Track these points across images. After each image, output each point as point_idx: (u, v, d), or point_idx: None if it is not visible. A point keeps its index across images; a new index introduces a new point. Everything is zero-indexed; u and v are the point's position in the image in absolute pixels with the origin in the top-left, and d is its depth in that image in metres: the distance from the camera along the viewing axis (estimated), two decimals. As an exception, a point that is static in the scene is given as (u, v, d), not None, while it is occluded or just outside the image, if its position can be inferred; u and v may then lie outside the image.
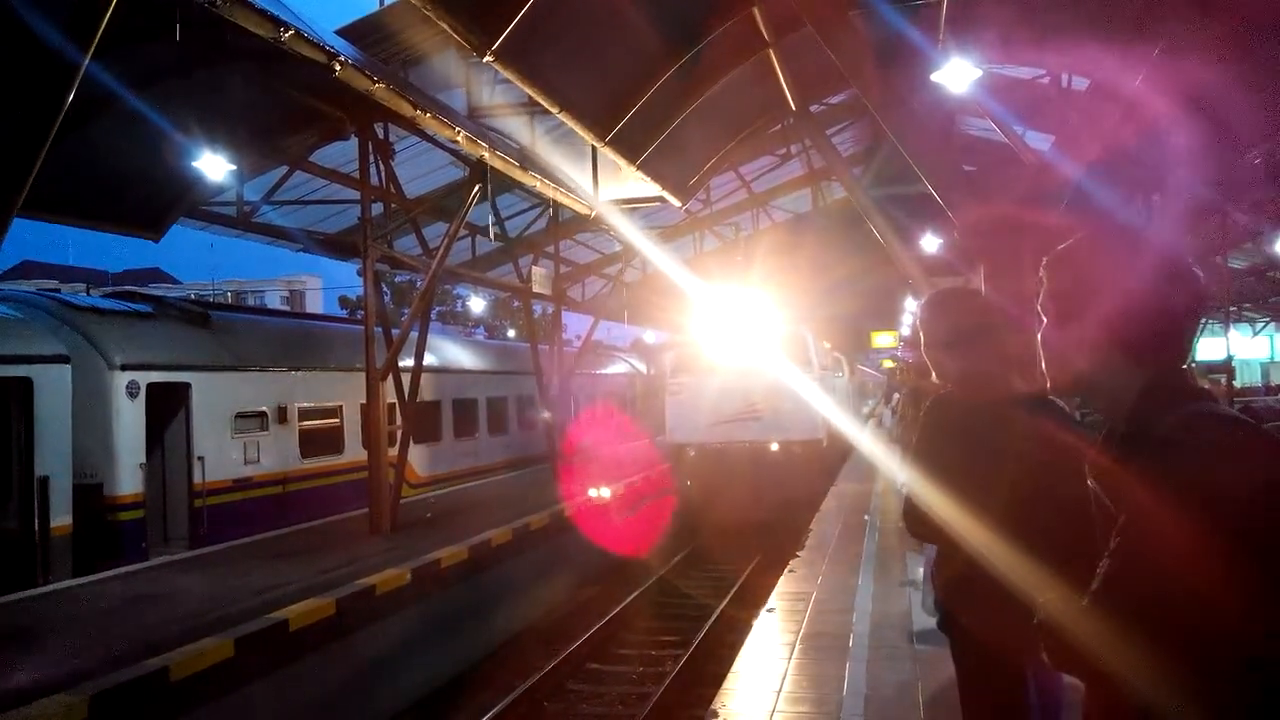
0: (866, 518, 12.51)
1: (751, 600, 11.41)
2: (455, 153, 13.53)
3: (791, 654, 6.63)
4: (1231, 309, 28.12)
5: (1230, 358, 26.75)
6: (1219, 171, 16.39)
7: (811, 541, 11.08)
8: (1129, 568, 1.43)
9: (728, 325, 16.83)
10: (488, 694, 9.57)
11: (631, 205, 15.72)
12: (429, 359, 14.16)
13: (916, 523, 3.25)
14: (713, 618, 11.61)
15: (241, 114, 11.80)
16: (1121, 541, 1.45)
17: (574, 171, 14.23)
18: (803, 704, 5.68)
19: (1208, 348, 29.44)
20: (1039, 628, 1.55)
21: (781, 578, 9.07)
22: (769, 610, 7.85)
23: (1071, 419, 3.75)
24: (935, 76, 11.51)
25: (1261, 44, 10.49)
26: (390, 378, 12.55)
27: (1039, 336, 1.74)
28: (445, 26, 8.01)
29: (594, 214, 14.99)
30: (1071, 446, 2.66)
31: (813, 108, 17.08)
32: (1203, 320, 1.82)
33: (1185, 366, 1.68)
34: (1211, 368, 27.13)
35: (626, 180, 14.23)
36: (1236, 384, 27.26)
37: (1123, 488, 1.50)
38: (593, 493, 15.18)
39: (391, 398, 12.81)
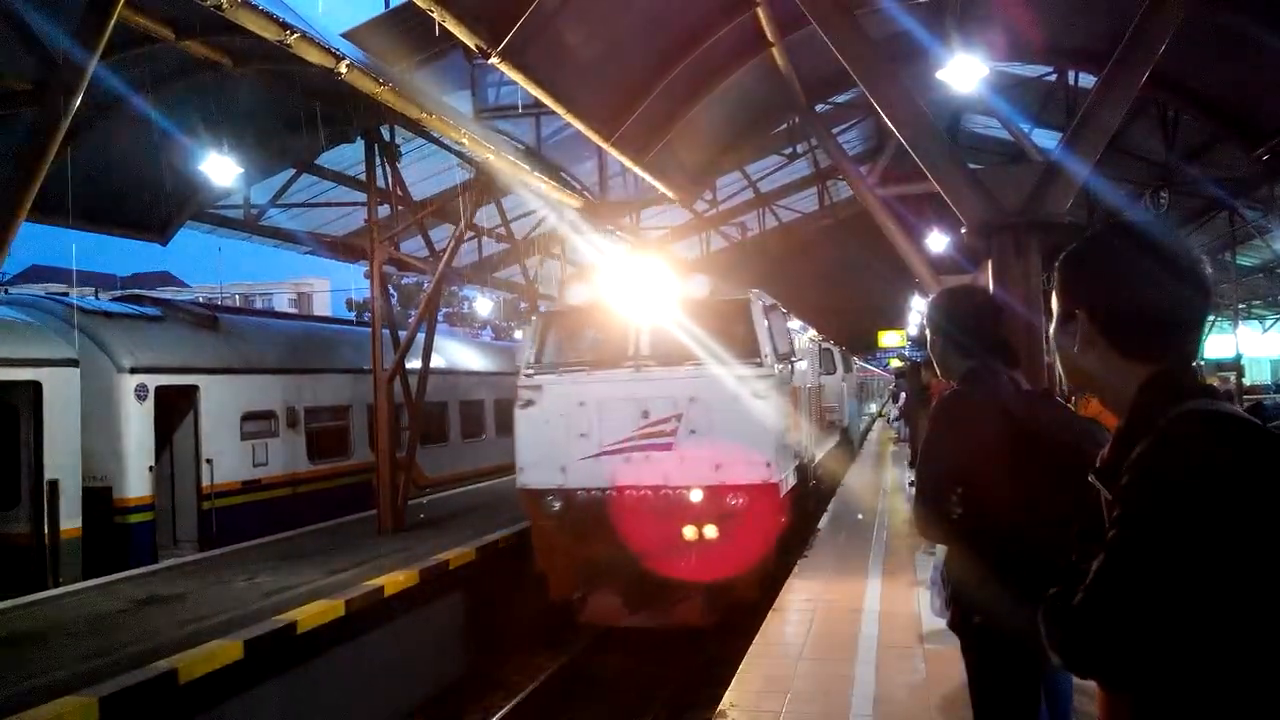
0: (874, 518, 12.48)
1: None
2: (461, 154, 13.54)
3: (800, 654, 6.61)
4: (1240, 306, 28.02)
5: (1239, 356, 26.68)
6: (1228, 168, 16.33)
7: (819, 541, 11.05)
8: (1121, 563, 1.42)
9: (621, 293, 9.93)
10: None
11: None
12: (436, 360, 14.18)
13: (926, 523, 3.24)
14: None
15: (248, 117, 11.84)
16: (1114, 536, 1.45)
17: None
18: (812, 704, 5.66)
19: (1217, 345, 29.37)
20: (1042, 625, 1.55)
21: (789, 579, 9.05)
22: (775, 611, 7.83)
23: (1075, 415, 3.74)
24: (941, 74, 11.49)
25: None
26: (398, 379, 12.57)
27: (1048, 334, 1.75)
28: (451, 28, 8.02)
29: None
30: (1075, 444, 2.65)
31: (819, 106, 17.06)
32: (1209, 318, 1.81)
33: (1191, 364, 1.67)
34: (1221, 365, 27.06)
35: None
36: (1246, 381, 27.19)
37: (1119, 482, 1.50)
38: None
39: (400, 399, 12.83)
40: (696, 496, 9.17)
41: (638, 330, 9.76)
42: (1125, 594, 1.42)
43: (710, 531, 9.14)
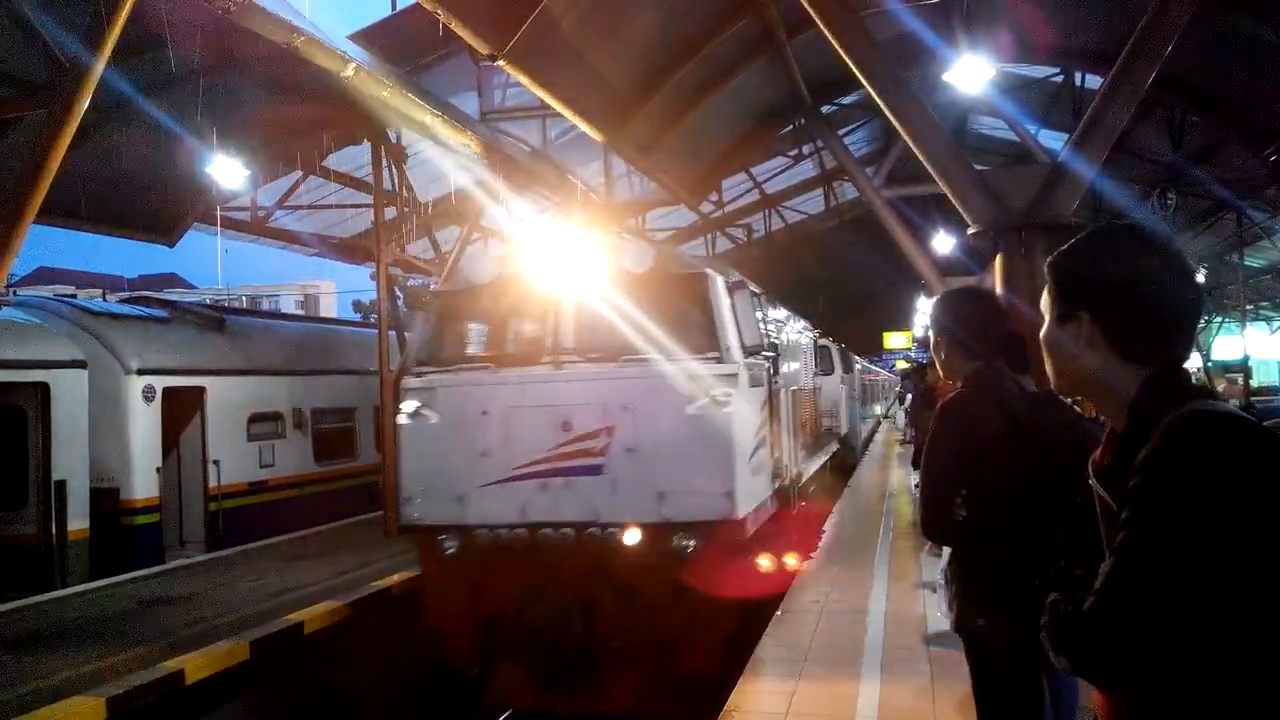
0: (880, 519, 12.46)
1: None
2: (468, 156, 13.56)
3: (805, 656, 6.61)
4: (1248, 308, 27.91)
5: (1246, 357, 26.57)
6: (1236, 169, 16.27)
7: (824, 542, 11.03)
8: (1135, 566, 1.42)
9: (539, 267, 7.58)
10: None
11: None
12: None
13: (930, 524, 3.24)
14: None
15: (255, 120, 11.87)
16: (1123, 539, 1.44)
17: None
18: (817, 707, 5.66)
19: (1224, 347, 29.26)
20: (1049, 630, 1.55)
21: (793, 582, 9.04)
22: (781, 613, 7.82)
23: (1078, 416, 3.74)
24: (948, 76, 11.48)
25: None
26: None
27: (1041, 335, 1.74)
28: (457, 30, 8.04)
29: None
30: (1080, 444, 2.65)
31: (824, 107, 17.06)
32: (1201, 318, 1.82)
33: (1185, 366, 1.67)
34: (1228, 367, 26.94)
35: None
36: (1253, 383, 27.07)
37: (1124, 485, 1.49)
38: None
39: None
40: (634, 537, 6.85)
41: (559, 315, 7.48)
42: (1140, 597, 1.41)
43: (654, 583, 6.81)
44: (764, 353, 7.98)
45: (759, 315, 8.53)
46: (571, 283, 7.44)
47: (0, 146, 9.53)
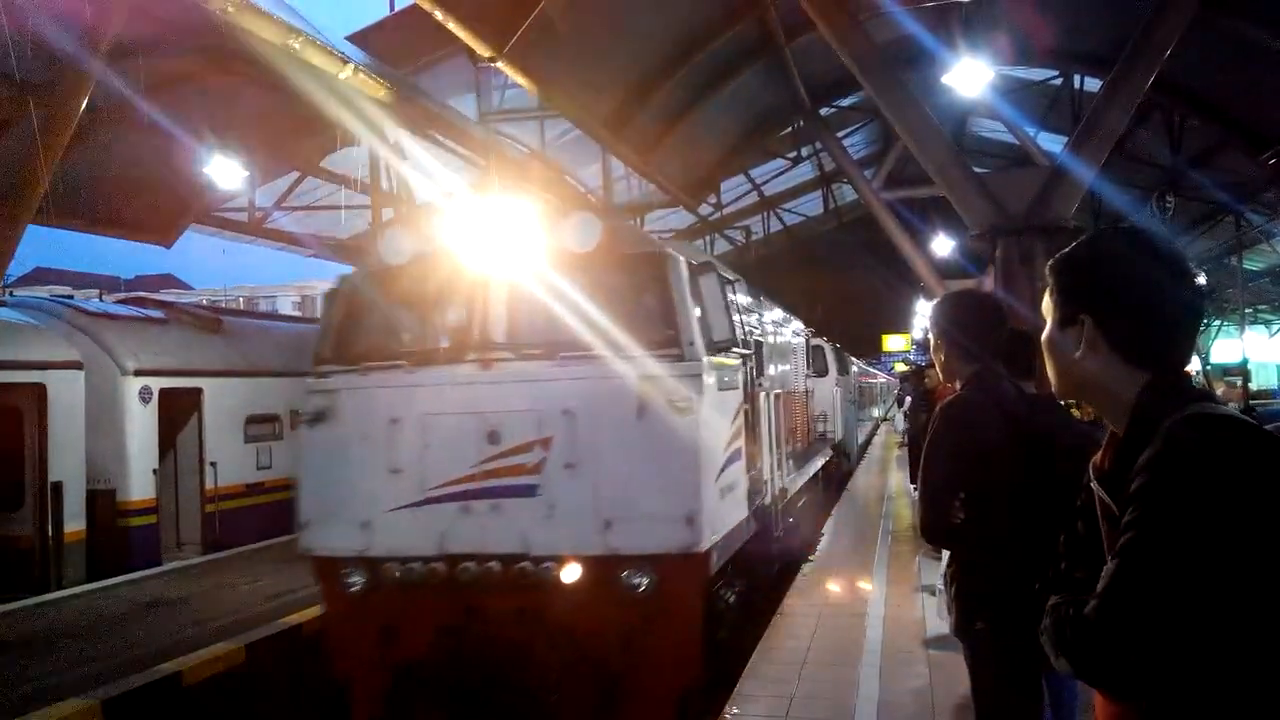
0: (878, 522, 12.45)
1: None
2: (466, 157, 13.55)
3: (804, 659, 6.59)
4: (1247, 311, 27.95)
5: (1245, 360, 26.59)
6: (1234, 173, 16.29)
7: (822, 545, 11.03)
8: (1134, 568, 1.41)
9: (465, 245, 6.43)
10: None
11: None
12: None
13: (929, 527, 3.22)
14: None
15: (254, 120, 11.86)
16: (1126, 542, 1.43)
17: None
18: (815, 709, 5.64)
19: (1223, 350, 29.28)
20: (1050, 634, 1.54)
21: (793, 584, 9.03)
22: (780, 616, 7.81)
23: (1076, 419, 3.73)
24: (947, 78, 11.48)
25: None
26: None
27: (1042, 339, 1.73)
28: (456, 30, 8.03)
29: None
30: (1079, 448, 2.64)
31: (823, 110, 17.07)
32: (1203, 322, 1.82)
33: (1185, 369, 1.67)
34: (1227, 370, 26.96)
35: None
36: (1252, 386, 27.09)
37: (1126, 488, 1.49)
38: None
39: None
40: (573, 574, 5.68)
41: (488, 303, 6.29)
42: (1143, 600, 1.41)
43: (599, 629, 5.69)
44: (738, 350, 6.86)
45: (733, 306, 7.22)
46: (503, 264, 6.23)
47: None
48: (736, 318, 7.20)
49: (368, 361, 6.35)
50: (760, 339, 8.43)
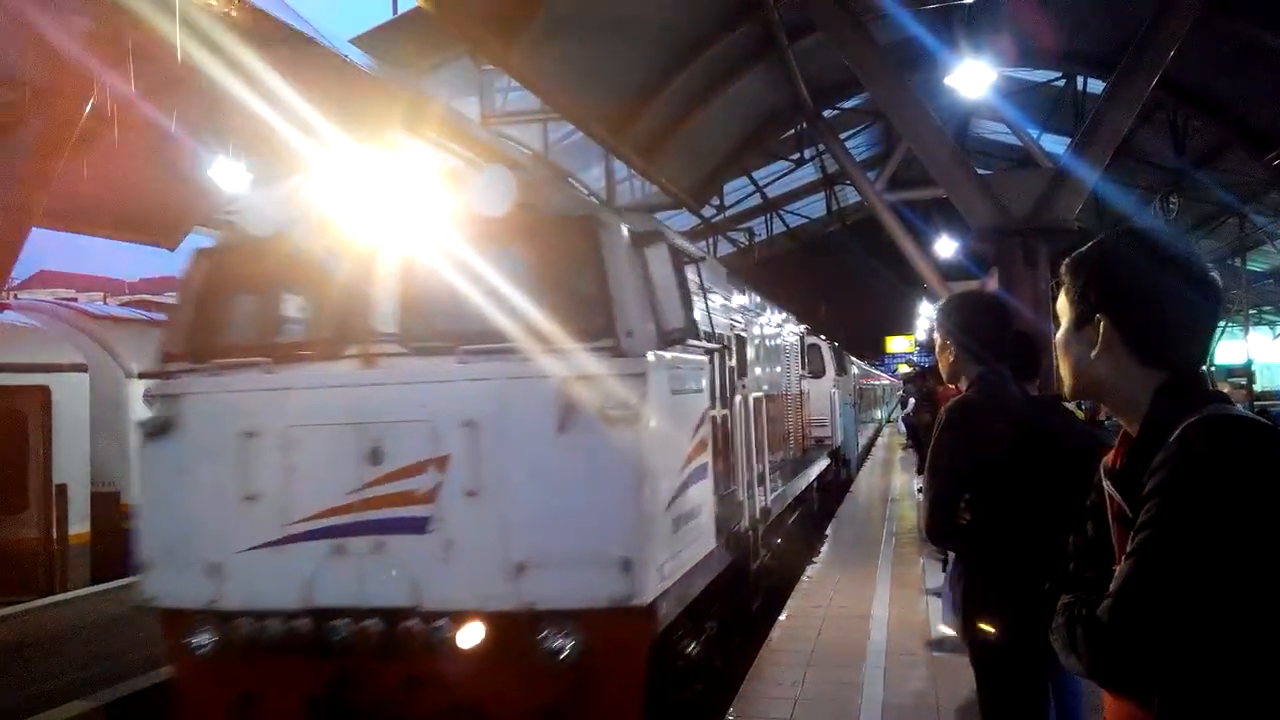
0: (882, 524, 12.45)
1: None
2: (468, 160, 13.55)
3: (808, 661, 6.58)
4: (1251, 312, 27.91)
5: (1250, 362, 26.56)
6: (1238, 174, 16.27)
7: (826, 547, 11.02)
8: (1149, 568, 1.41)
9: (348, 211, 4.95)
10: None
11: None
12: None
13: (934, 528, 3.22)
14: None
15: (258, 122, 11.85)
16: (1141, 542, 1.43)
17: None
18: (820, 711, 5.64)
19: (1227, 351, 29.24)
20: (1061, 634, 1.54)
21: (797, 586, 9.02)
22: (785, 618, 7.80)
23: (1080, 421, 3.73)
24: (949, 80, 11.49)
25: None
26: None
27: (1056, 340, 1.73)
28: (459, 34, 8.04)
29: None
30: (1085, 448, 2.64)
31: (826, 111, 17.07)
32: (1219, 322, 1.81)
33: (1200, 370, 1.67)
34: (1231, 371, 26.92)
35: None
36: (1257, 388, 27.04)
37: (1139, 488, 1.49)
38: None
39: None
40: (475, 635, 4.45)
41: (373, 284, 4.95)
42: (1157, 599, 1.41)
43: (511, 705, 4.43)
44: (702, 344, 5.61)
45: (697, 289, 5.86)
46: (395, 234, 4.91)
47: (2, 150, 9.53)
48: (702, 304, 5.96)
49: (219, 358, 5.05)
50: (743, 334, 7.52)
